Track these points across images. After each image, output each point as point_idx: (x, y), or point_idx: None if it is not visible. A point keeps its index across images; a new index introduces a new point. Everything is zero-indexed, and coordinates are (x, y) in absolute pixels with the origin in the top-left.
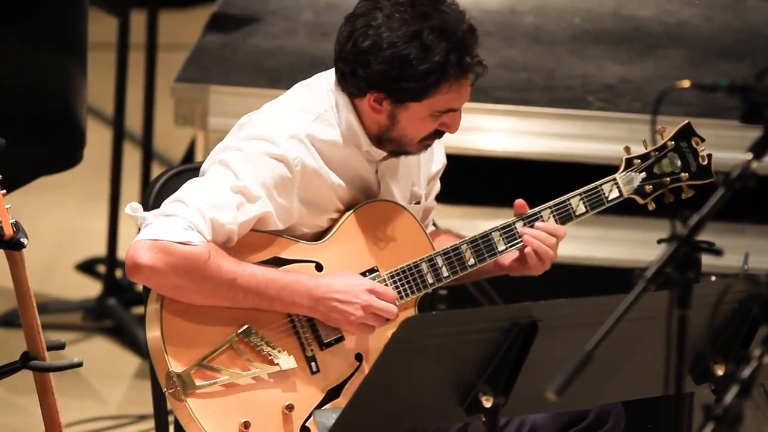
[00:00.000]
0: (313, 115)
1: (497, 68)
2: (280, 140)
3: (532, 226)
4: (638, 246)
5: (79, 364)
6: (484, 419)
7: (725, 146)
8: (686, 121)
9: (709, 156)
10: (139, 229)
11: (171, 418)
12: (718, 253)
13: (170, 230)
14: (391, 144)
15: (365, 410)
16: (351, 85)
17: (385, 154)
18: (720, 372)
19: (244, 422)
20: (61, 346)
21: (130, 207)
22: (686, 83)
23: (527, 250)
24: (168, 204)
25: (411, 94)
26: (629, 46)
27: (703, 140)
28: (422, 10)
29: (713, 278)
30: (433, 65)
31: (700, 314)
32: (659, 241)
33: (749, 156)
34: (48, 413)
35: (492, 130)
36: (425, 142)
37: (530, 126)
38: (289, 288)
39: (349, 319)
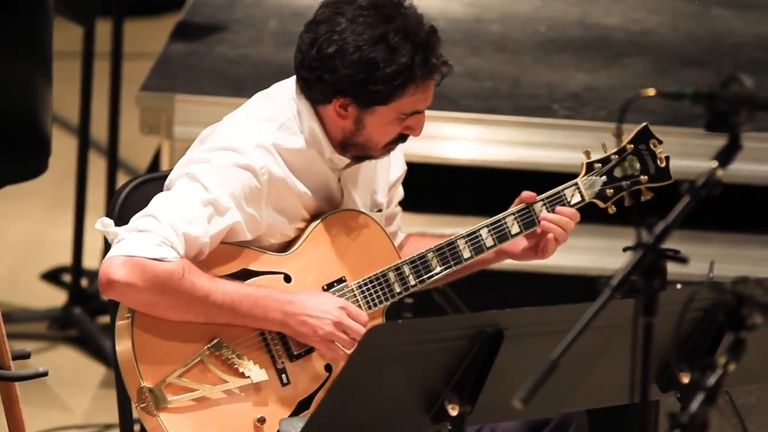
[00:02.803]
0: (277, 123)
1: (462, 77)
2: (246, 150)
3: (504, 230)
4: (604, 254)
5: (45, 374)
6: (450, 428)
7: (690, 154)
8: (644, 124)
9: (667, 158)
10: (110, 245)
11: (137, 428)
12: (683, 261)
13: (144, 246)
14: (356, 149)
15: (330, 419)
16: (316, 92)
17: (347, 161)
18: (685, 380)
19: None
20: (26, 356)
21: (101, 222)
22: (651, 91)
23: (549, 236)
24: (139, 219)
25: (378, 97)
26: (594, 54)
27: (660, 142)
28: (385, 13)
29: (679, 286)
30: (400, 67)
31: (666, 322)
32: (625, 249)
33: (714, 164)
34: (13, 423)
35: (457, 139)
36: (389, 147)
37: (495, 134)
38: (262, 304)
39: (317, 333)
